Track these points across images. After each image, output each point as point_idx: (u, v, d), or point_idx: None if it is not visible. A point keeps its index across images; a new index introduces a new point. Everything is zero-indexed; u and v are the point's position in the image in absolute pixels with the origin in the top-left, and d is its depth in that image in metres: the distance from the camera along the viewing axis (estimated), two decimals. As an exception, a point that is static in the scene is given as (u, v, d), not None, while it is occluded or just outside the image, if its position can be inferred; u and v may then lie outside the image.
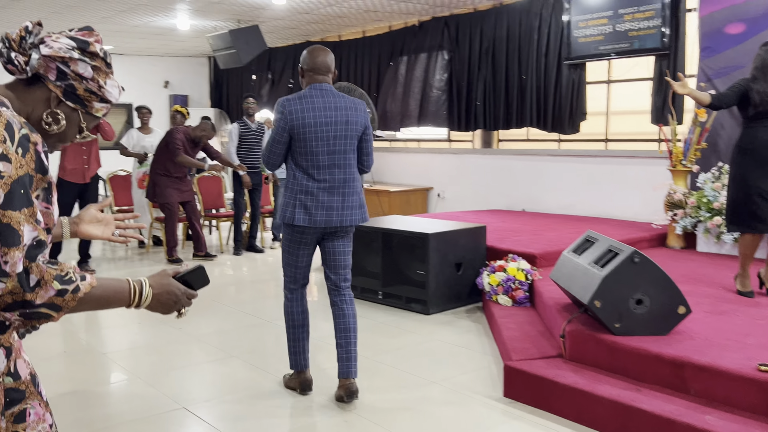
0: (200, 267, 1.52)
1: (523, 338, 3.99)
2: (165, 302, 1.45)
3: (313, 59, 3.34)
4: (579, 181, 7.64)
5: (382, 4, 8.24)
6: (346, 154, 3.33)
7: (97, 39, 1.47)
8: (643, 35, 6.82)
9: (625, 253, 3.45)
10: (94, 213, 1.78)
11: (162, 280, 1.45)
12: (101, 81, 1.45)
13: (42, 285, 1.24)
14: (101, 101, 1.48)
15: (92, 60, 1.43)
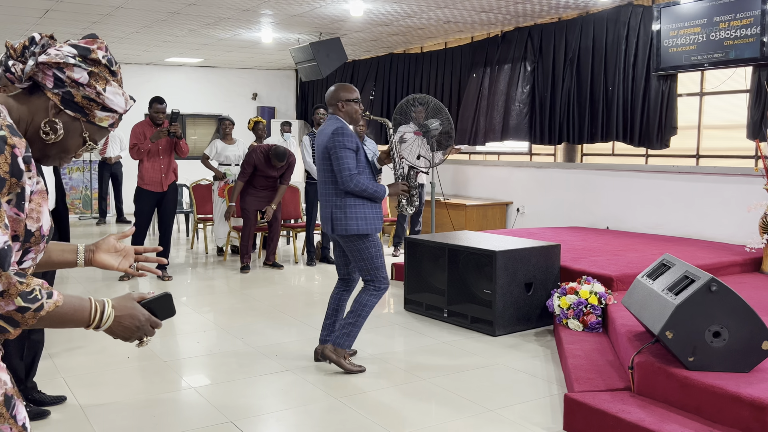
0: (167, 295, 1.45)
1: (589, 367, 3.72)
2: (127, 326, 1.38)
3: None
4: (667, 200, 7.19)
5: (463, 15, 8.09)
6: (324, 172, 4.05)
7: (100, 46, 1.43)
8: (739, 44, 6.35)
9: (701, 281, 3.15)
10: (113, 243, 1.71)
11: (126, 303, 1.39)
12: (99, 87, 1.40)
13: (4, 296, 1.19)
14: (103, 110, 1.43)
15: (91, 66, 1.40)
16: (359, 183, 3.84)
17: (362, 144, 3.97)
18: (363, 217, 3.92)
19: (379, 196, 3.94)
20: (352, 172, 3.83)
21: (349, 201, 3.91)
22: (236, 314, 5.62)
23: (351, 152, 3.84)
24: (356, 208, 3.91)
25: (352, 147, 3.84)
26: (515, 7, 7.63)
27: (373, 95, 11.32)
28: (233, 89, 13.48)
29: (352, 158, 3.84)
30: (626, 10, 7.37)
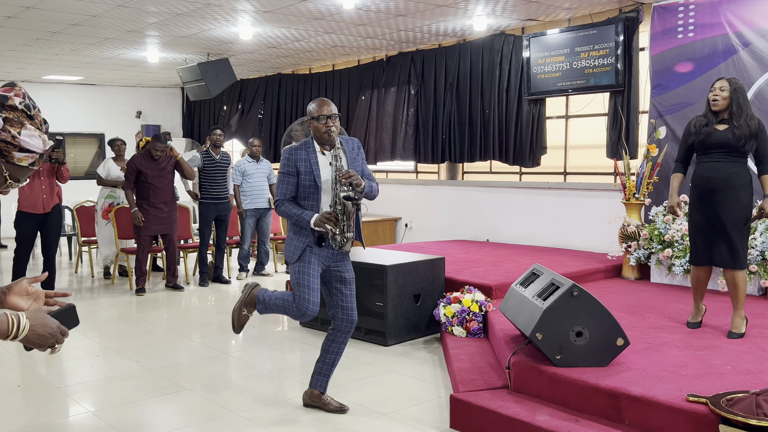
0: (71, 307, 1.64)
1: (472, 369, 4.08)
2: (41, 334, 1.56)
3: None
4: (540, 213, 7.82)
5: (349, 40, 8.43)
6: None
7: (17, 93, 1.58)
8: (598, 72, 7.07)
9: (565, 287, 3.58)
10: (26, 286, 1.79)
11: (38, 314, 1.57)
12: (14, 131, 1.55)
13: None
14: (21, 151, 1.58)
15: (7, 112, 1.55)
16: (282, 210, 3.61)
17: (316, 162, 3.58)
18: (289, 242, 3.70)
19: (302, 224, 3.59)
20: (277, 197, 3.64)
21: (291, 226, 3.72)
22: (129, 337, 5.58)
23: (285, 176, 3.60)
24: (289, 233, 3.73)
25: (285, 170, 3.59)
26: (398, 34, 8.05)
27: (261, 114, 11.44)
28: (116, 107, 13.13)
29: (285, 182, 3.59)
30: (499, 39, 7.98)
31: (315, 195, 3.59)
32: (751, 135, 4.12)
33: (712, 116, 4.26)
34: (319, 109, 3.55)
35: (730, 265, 4.23)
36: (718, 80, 4.28)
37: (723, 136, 4.18)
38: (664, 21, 6.53)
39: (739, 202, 4.17)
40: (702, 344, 4.03)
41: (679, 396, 3.09)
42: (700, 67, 6.29)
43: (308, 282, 3.58)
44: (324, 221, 3.48)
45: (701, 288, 4.48)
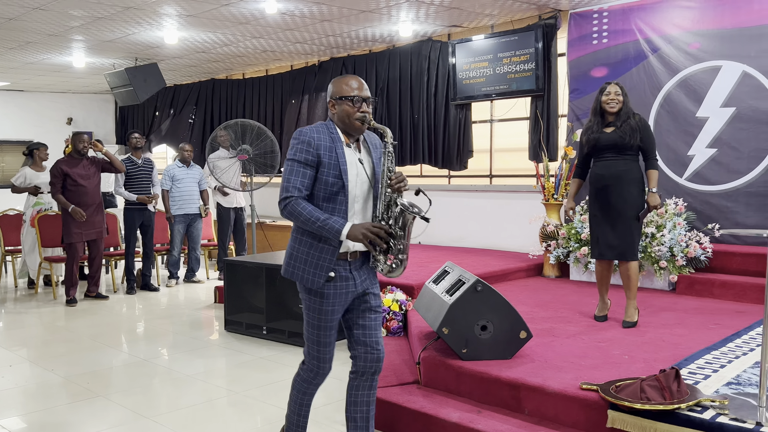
0: None
1: (386, 367, 4.14)
2: None
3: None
4: (468, 215, 7.98)
5: (279, 45, 8.45)
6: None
7: None
8: (519, 78, 7.27)
9: (469, 282, 3.68)
10: None
11: None
12: None
13: None
14: None
15: None
16: (294, 208, 2.63)
17: (342, 154, 2.68)
18: (297, 258, 2.74)
19: (326, 233, 2.62)
20: (287, 192, 2.64)
21: (294, 232, 2.80)
22: (47, 346, 5.46)
23: (299, 165, 2.65)
24: (295, 243, 2.77)
25: (301, 157, 2.65)
26: (327, 39, 8.12)
27: (192, 119, 11.34)
28: (46, 113, 12.81)
29: (299, 173, 2.64)
30: (426, 45, 8.12)
31: (340, 198, 2.67)
32: (633, 130, 4.35)
33: (600, 120, 4.48)
34: (354, 88, 2.70)
35: (623, 256, 4.44)
36: (610, 85, 4.49)
37: (611, 137, 4.41)
38: (580, 27, 6.77)
39: (630, 197, 4.40)
40: (605, 336, 4.19)
41: (574, 385, 3.22)
42: (614, 71, 6.55)
43: (328, 336, 2.82)
44: (373, 235, 2.60)
45: (605, 282, 4.67)
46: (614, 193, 4.40)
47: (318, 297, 2.74)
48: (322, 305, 2.75)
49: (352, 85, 2.71)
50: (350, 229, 2.59)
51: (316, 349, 2.86)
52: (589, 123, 4.57)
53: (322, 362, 2.88)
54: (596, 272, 4.71)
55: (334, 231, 2.60)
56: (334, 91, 2.74)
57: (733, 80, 5.82)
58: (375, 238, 2.61)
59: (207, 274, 8.68)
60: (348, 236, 2.59)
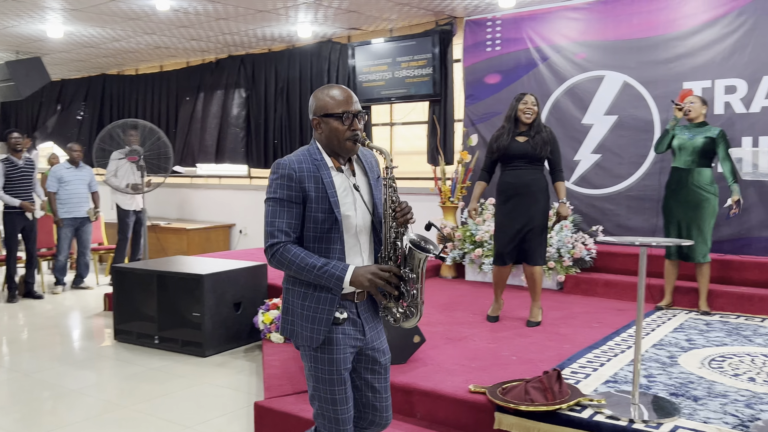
0: None
1: (282, 375, 4.11)
2: None
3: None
4: (368, 217, 8.01)
5: (173, 41, 8.18)
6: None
7: None
8: (417, 82, 7.39)
9: (364, 290, 3.70)
10: None
11: None
12: None
13: None
14: None
15: None
16: (284, 256, 2.20)
17: (331, 183, 2.24)
18: (292, 313, 2.31)
19: (325, 282, 2.19)
20: (273, 239, 2.21)
21: (285, 282, 2.37)
22: None
23: (284, 204, 2.20)
24: (287, 296, 2.34)
25: (282, 196, 2.20)
26: (224, 37, 7.94)
27: (80, 116, 10.81)
28: None
29: (284, 213, 2.20)
30: (326, 46, 8.10)
31: (334, 236, 2.24)
32: (545, 142, 4.52)
33: (513, 128, 4.60)
34: (342, 102, 2.24)
35: (531, 261, 4.61)
36: (526, 95, 4.62)
37: (523, 147, 4.55)
38: (475, 35, 6.96)
39: (538, 205, 4.56)
40: (496, 337, 4.34)
41: (464, 388, 3.31)
42: (506, 78, 6.78)
43: (345, 391, 2.28)
44: (381, 280, 2.20)
45: (502, 284, 4.83)
46: (524, 201, 4.55)
47: (325, 345, 2.25)
48: (333, 353, 2.25)
49: (339, 98, 2.24)
50: (353, 275, 2.17)
51: (332, 410, 2.29)
52: (501, 130, 4.67)
53: (342, 425, 2.31)
54: (494, 275, 4.84)
55: (334, 278, 2.17)
56: (318, 107, 2.25)
57: (615, 89, 6.16)
58: (384, 284, 2.20)
59: (97, 280, 8.29)
60: (352, 283, 2.17)
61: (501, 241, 4.68)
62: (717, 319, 4.87)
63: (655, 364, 3.74)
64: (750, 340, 4.27)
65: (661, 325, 4.66)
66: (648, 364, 3.74)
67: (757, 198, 5.50)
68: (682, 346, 4.11)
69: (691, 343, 4.17)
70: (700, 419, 2.89)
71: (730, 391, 3.26)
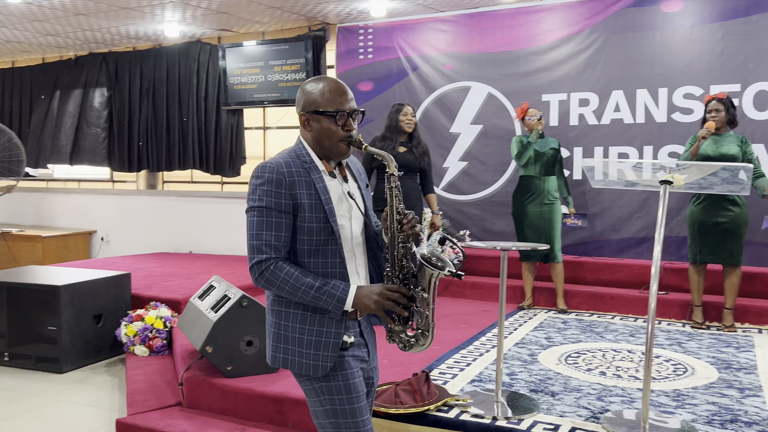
0: None
1: (146, 390, 3.93)
2: None
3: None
4: (242, 222, 7.82)
5: (27, 36, 7.62)
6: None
7: None
8: (291, 86, 7.33)
9: (235, 298, 3.63)
10: None
11: None
12: None
13: None
14: None
15: None
16: (276, 275, 1.91)
17: (324, 190, 1.98)
18: (287, 339, 1.98)
19: (323, 305, 1.92)
20: (261, 254, 1.91)
21: (273, 304, 2.02)
22: None
23: (271, 213, 1.91)
24: (277, 319, 2.00)
25: (269, 204, 1.91)
26: (84, 33, 7.50)
27: None
28: None
29: (273, 225, 1.91)
30: (195, 47, 7.86)
31: (331, 249, 1.98)
32: (424, 153, 4.67)
33: (397, 138, 4.69)
34: (336, 98, 1.96)
35: None
36: (405, 106, 4.73)
37: (406, 157, 4.66)
38: (348, 42, 7.02)
39: (416, 214, 4.68)
40: (368, 342, 4.38)
41: (336, 394, 3.31)
42: (379, 86, 6.89)
43: (367, 422, 2.00)
44: (390, 302, 1.93)
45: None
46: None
47: (337, 371, 1.94)
48: (348, 378, 1.95)
49: (332, 93, 1.96)
50: (356, 296, 1.91)
51: None
52: (384, 140, 4.74)
53: None
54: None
55: (335, 300, 1.90)
56: (307, 102, 1.98)
57: (481, 100, 6.43)
58: (393, 306, 1.93)
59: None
60: (355, 305, 1.91)
61: None
62: (573, 317, 5.20)
63: (517, 362, 3.94)
64: (602, 336, 4.60)
65: (523, 324, 4.91)
66: (510, 362, 3.92)
67: (608, 204, 5.94)
68: (542, 344, 4.35)
69: (549, 341, 4.43)
70: (557, 413, 3.07)
71: (583, 385, 3.50)
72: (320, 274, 1.93)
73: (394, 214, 1.96)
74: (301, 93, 2.00)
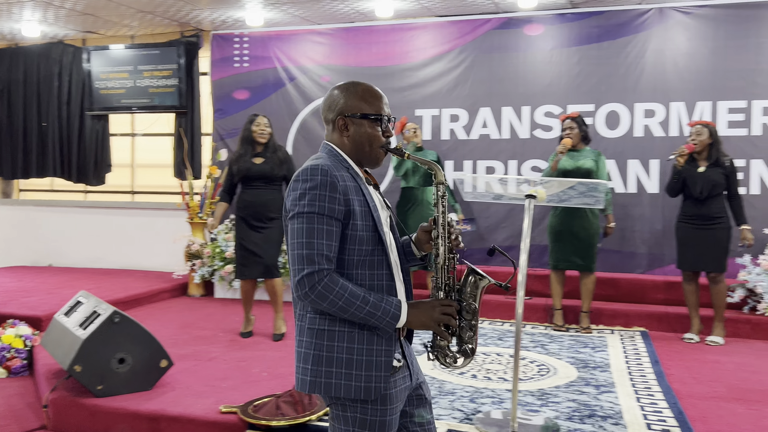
0: None
1: (5, 414, 3.66)
2: None
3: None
4: (107, 234, 7.50)
5: None
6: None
7: None
8: (162, 93, 7.11)
9: (106, 314, 3.48)
10: None
11: None
12: None
13: None
14: None
15: None
16: (330, 288, 1.70)
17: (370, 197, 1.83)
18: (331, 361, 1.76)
19: (376, 321, 1.74)
20: (319, 265, 1.69)
21: (315, 322, 1.78)
22: None
23: (322, 221, 1.72)
24: (319, 340, 1.77)
25: (322, 210, 1.72)
26: (-72, 27, 6.87)
27: None
28: None
29: (325, 234, 1.72)
30: (57, 48, 7.42)
31: (378, 260, 1.80)
32: (282, 162, 4.69)
33: (250, 149, 4.69)
34: (377, 102, 1.85)
35: (269, 274, 4.70)
36: (258, 117, 4.75)
37: (262, 168, 4.66)
38: (222, 49, 6.92)
39: (275, 223, 4.72)
40: (246, 355, 4.34)
41: (215, 409, 3.27)
42: (255, 95, 6.84)
43: None
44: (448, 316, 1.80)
45: (250, 299, 4.87)
46: (262, 219, 4.68)
47: (377, 406, 1.77)
48: (386, 414, 1.78)
49: (375, 97, 1.84)
50: (409, 313, 1.77)
51: None
52: (240, 151, 4.73)
53: None
54: (241, 291, 4.87)
55: (389, 317, 1.73)
56: (348, 105, 1.83)
57: (357, 112, 6.55)
58: (449, 319, 1.80)
59: None
60: (409, 323, 1.78)
61: (241, 255, 4.75)
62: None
63: (395, 368, 4.05)
64: (472, 340, 4.83)
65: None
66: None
67: (477, 214, 6.24)
68: (418, 350, 4.50)
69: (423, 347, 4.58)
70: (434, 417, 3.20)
71: (457, 389, 3.67)
72: (367, 287, 1.76)
73: (444, 224, 1.85)
74: (340, 95, 1.85)
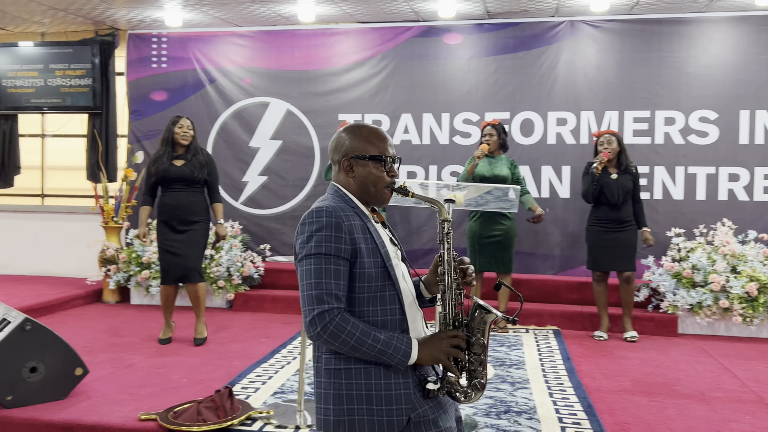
0: None
1: None
2: None
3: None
4: (15, 238, 7.17)
5: None
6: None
7: None
8: (74, 92, 6.86)
9: (16, 322, 3.35)
10: None
11: None
12: None
13: None
14: None
15: None
16: (341, 327, 1.73)
17: (377, 234, 1.88)
18: (352, 398, 1.78)
19: (387, 359, 1.76)
20: (329, 304, 1.74)
21: (331, 362, 1.81)
22: None
23: (330, 261, 1.77)
24: (336, 379, 1.80)
25: (329, 251, 1.77)
26: None
27: None
28: None
29: (330, 274, 1.77)
30: (-40, 43, 7.05)
31: (389, 294, 1.84)
32: (203, 165, 4.63)
33: (170, 151, 4.62)
34: (381, 143, 1.91)
35: (192, 279, 4.64)
36: (182, 119, 4.69)
37: (182, 171, 4.60)
38: (140, 49, 6.75)
39: (198, 226, 4.65)
40: (165, 361, 4.26)
41: (133, 417, 3.20)
42: (173, 97, 6.71)
43: None
44: (456, 349, 1.82)
45: (170, 304, 4.78)
46: (185, 221, 4.62)
47: None
48: None
49: (379, 138, 1.90)
50: (419, 349, 1.79)
51: None
52: (159, 153, 4.65)
53: None
54: (161, 297, 4.77)
55: (400, 354, 1.76)
56: (353, 147, 1.88)
57: (280, 116, 6.54)
58: (458, 352, 1.81)
59: None
60: (419, 359, 1.79)
61: (164, 260, 4.66)
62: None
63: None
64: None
65: (322, 335, 5.08)
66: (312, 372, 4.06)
67: (400, 217, 6.35)
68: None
69: (347, 350, 4.63)
70: None
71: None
72: (379, 323, 1.80)
73: (450, 261, 1.87)
74: (346, 137, 1.91)
